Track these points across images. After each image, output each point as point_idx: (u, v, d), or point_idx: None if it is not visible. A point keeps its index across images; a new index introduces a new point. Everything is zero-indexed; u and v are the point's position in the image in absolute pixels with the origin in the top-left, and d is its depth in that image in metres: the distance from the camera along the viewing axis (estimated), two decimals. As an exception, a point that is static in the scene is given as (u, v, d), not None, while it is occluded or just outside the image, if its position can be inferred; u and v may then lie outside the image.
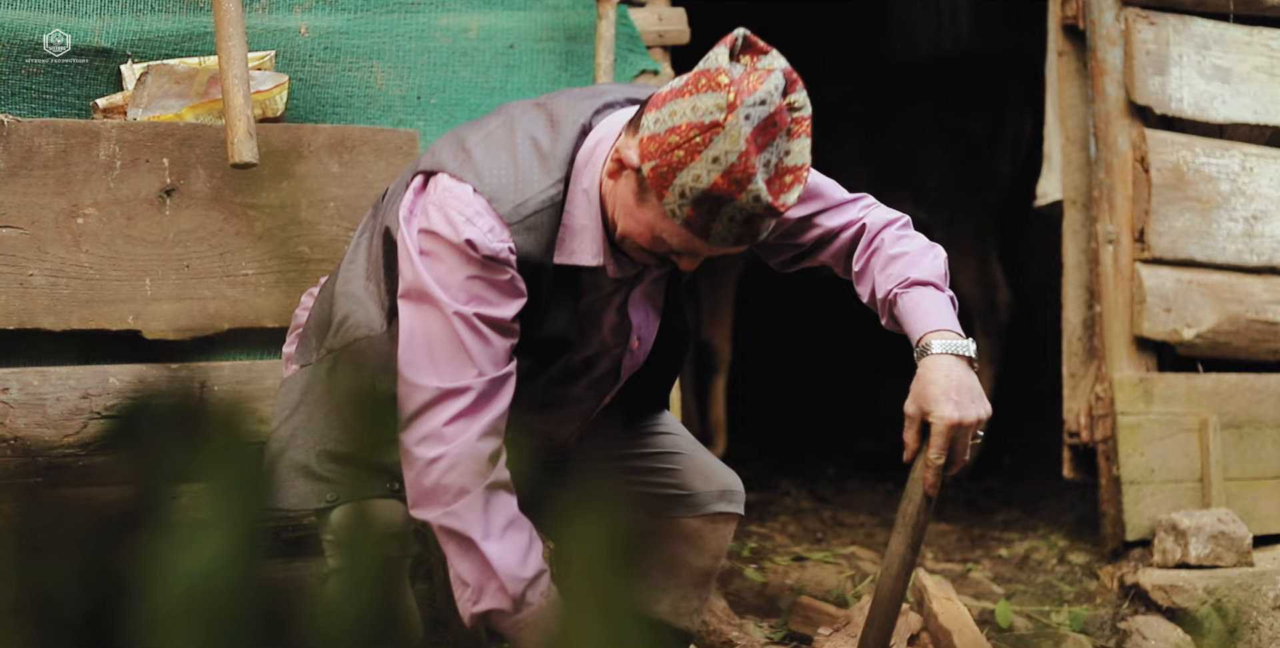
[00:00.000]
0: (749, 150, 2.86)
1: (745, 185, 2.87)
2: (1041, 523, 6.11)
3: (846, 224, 3.39)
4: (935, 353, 3.15)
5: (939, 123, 7.34)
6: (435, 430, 3.03)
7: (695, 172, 2.88)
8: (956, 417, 3.12)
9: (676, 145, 2.90)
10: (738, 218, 2.92)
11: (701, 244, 2.99)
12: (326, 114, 4.41)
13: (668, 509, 3.58)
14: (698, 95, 2.90)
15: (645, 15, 4.83)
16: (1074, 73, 5.43)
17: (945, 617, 4.36)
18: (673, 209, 2.93)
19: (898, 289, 3.24)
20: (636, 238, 3.05)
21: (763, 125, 2.88)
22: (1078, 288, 5.46)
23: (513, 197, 3.05)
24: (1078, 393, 5.42)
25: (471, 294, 3.03)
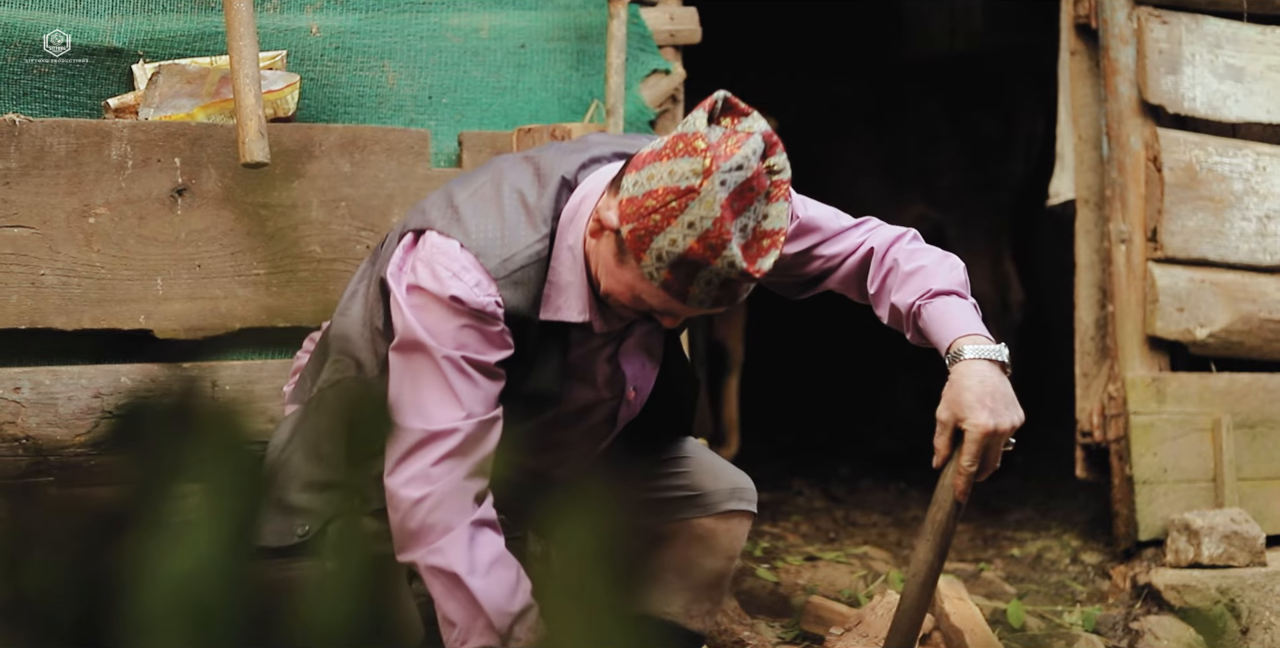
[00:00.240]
0: (724, 216, 2.87)
1: (720, 251, 2.88)
2: (1054, 523, 6.10)
3: (849, 250, 3.38)
4: (968, 358, 3.13)
5: (952, 122, 7.34)
6: (422, 471, 3.05)
7: (671, 236, 2.90)
8: (992, 424, 3.10)
9: (653, 210, 2.92)
10: (714, 282, 2.93)
11: (680, 306, 3.02)
12: (338, 114, 4.41)
13: (679, 512, 3.57)
14: (675, 160, 2.92)
15: (657, 15, 4.83)
16: (1086, 72, 5.42)
17: (957, 617, 4.35)
18: (650, 272, 2.96)
19: (920, 301, 3.22)
20: (618, 296, 3.08)
21: (739, 190, 2.89)
22: (1090, 287, 5.45)
23: (499, 251, 3.08)
24: (1090, 392, 5.41)
25: (460, 341, 3.06)
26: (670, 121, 4.85)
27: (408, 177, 4.34)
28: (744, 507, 3.58)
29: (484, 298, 3.05)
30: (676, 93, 4.86)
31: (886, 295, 3.29)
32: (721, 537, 3.57)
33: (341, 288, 4.19)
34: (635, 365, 3.35)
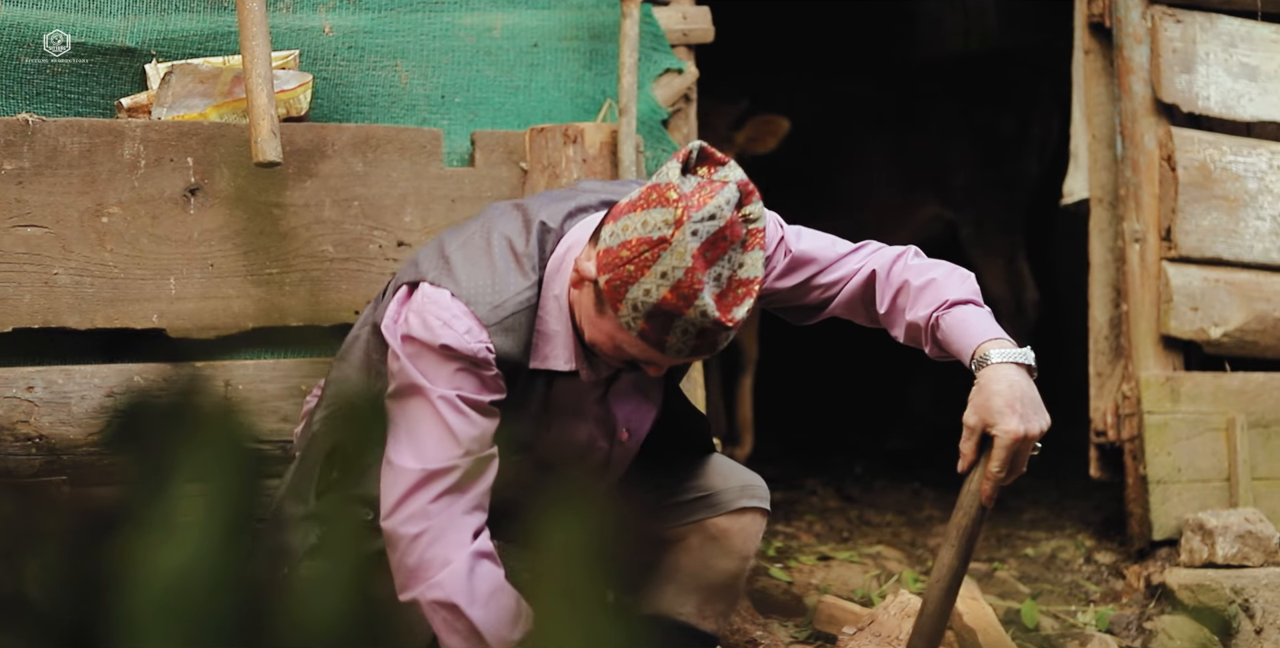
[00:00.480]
0: (695, 266, 2.90)
1: (692, 301, 2.92)
2: (1069, 522, 6.09)
3: (849, 275, 3.37)
4: (995, 362, 3.11)
5: (966, 121, 7.32)
6: (420, 509, 3.08)
7: (645, 286, 2.94)
8: (1023, 431, 3.07)
9: (628, 260, 2.96)
10: (690, 331, 2.97)
11: (659, 356, 3.05)
12: (351, 113, 4.41)
13: (692, 514, 3.58)
14: (648, 210, 2.96)
15: (669, 14, 4.83)
16: (1100, 71, 5.41)
17: (970, 616, 4.34)
18: (628, 322, 3.00)
19: (937, 313, 3.22)
20: (601, 346, 3.12)
21: (712, 240, 2.92)
22: (1104, 287, 5.44)
23: (490, 298, 3.13)
24: (1104, 392, 5.40)
25: (455, 383, 3.09)
26: (683, 121, 4.85)
27: (420, 176, 4.35)
28: (756, 503, 3.58)
29: (475, 345, 3.10)
30: (690, 92, 4.85)
31: (900, 314, 3.29)
32: (735, 537, 3.57)
33: (354, 287, 4.20)
34: (628, 407, 3.38)
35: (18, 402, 3.92)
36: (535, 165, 4.45)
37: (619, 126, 4.56)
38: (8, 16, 4.01)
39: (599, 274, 3.01)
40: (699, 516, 3.56)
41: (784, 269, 3.37)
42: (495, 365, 3.11)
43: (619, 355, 3.12)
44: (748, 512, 3.57)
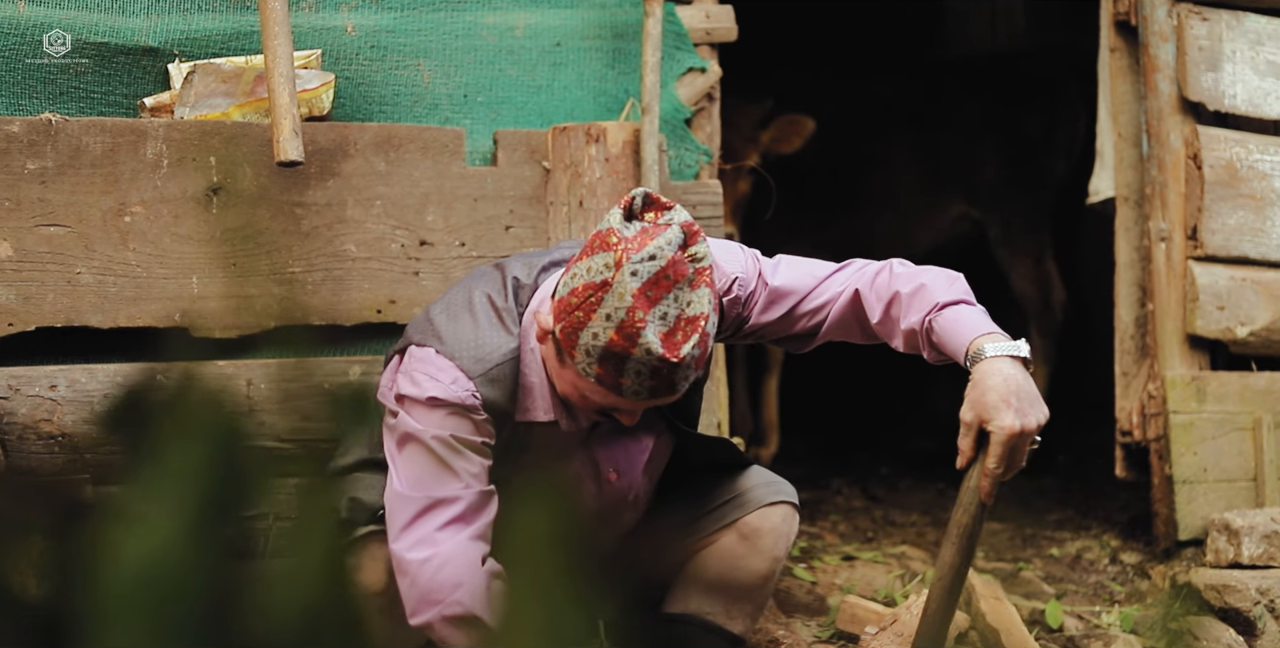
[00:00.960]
0: (636, 305, 2.93)
1: (636, 340, 2.95)
2: (1094, 523, 6.06)
3: (834, 298, 3.38)
4: (990, 356, 3.09)
5: (993, 120, 7.31)
6: (427, 535, 3.12)
7: (593, 330, 2.99)
8: (1018, 426, 3.05)
9: (576, 306, 3.01)
10: (643, 372, 2.98)
11: (619, 400, 3.07)
12: (373, 112, 4.42)
13: (723, 517, 3.59)
14: (591, 257, 3.01)
15: (693, 13, 4.82)
16: (1126, 69, 5.39)
17: (993, 616, 4.33)
18: (583, 368, 3.04)
19: (929, 316, 3.21)
20: (569, 396, 3.17)
21: (654, 279, 2.95)
22: (1130, 286, 5.42)
23: (473, 352, 3.19)
24: (1130, 392, 5.38)
25: (447, 426, 3.15)
26: (706, 120, 4.85)
27: (443, 175, 4.35)
28: (784, 497, 3.58)
29: (461, 392, 3.16)
30: (713, 91, 4.85)
31: (895, 324, 3.28)
32: (766, 536, 3.57)
33: (376, 286, 4.21)
34: (614, 450, 3.40)
35: (40, 400, 3.93)
36: (558, 164, 4.45)
37: (641, 125, 4.56)
38: (31, 16, 4.02)
39: (555, 324, 3.06)
40: (731, 517, 3.57)
41: (765, 302, 3.40)
42: (483, 411, 3.17)
43: (587, 405, 3.15)
44: (777, 506, 3.57)
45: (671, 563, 3.63)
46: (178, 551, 0.94)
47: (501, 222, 4.43)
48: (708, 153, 4.82)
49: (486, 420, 3.18)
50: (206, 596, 0.94)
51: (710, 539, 3.58)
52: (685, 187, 4.73)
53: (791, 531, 3.60)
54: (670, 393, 3.04)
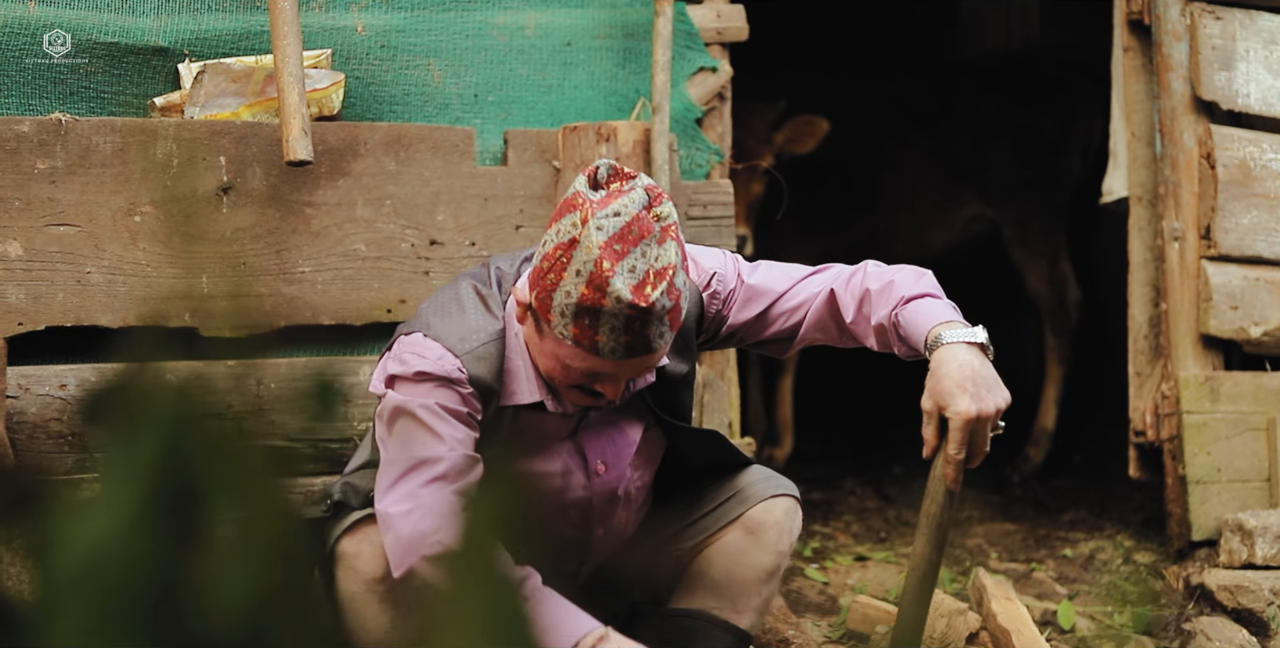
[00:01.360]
0: (602, 256, 2.96)
1: (605, 289, 2.96)
2: (1108, 523, 6.05)
3: (810, 299, 3.41)
4: (946, 343, 3.12)
5: (1007, 120, 7.29)
6: (410, 492, 3.11)
7: (565, 288, 3.01)
8: (974, 410, 3.05)
9: (548, 269, 3.04)
10: (617, 326, 3.00)
11: (598, 362, 3.07)
12: (383, 112, 4.42)
13: (727, 514, 3.59)
14: (560, 221, 3.04)
15: (703, 12, 4.82)
16: (1139, 68, 5.38)
17: (1004, 617, 4.32)
18: (560, 331, 3.05)
19: (897, 309, 3.24)
20: (552, 373, 3.18)
21: (620, 234, 2.98)
22: (1143, 286, 5.40)
23: (459, 332, 3.23)
24: (1144, 392, 5.37)
25: (434, 396, 3.16)
26: (717, 119, 4.84)
27: (453, 175, 4.35)
28: (785, 490, 3.58)
29: (448, 366, 3.18)
30: (724, 90, 4.84)
31: (867, 321, 3.31)
32: (770, 530, 3.57)
33: (386, 286, 4.21)
34: (600, 441, 3.41)
35: (51, 400, 3.93)
36: (568, 164, 4.45)
37: (652, 125, 4.56)
38: (41, 16, 4.03)
39: (530, 294, 3.10)
40: (734, 513, 3.57)
41: (743, 300, 3.44)
42: (469, 385, 3.18)
43: (570, 378, 3.15)
44: (780, 499, 3.57)
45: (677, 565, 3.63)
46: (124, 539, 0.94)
47: (512, 221, 4.43)
48: (719, 152, 4.82)
49: (472, 394, 3.19)
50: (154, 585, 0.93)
51: (715, 537, 3.59)
52: (696, 186, 4.73)
53: (795, 525, 3.60)
54: (646, 350, 3.05)
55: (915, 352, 3.22)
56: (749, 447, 4.86)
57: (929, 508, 3.19)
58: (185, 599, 0.94)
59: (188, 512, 1.03)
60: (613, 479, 3.43)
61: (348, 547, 3.26)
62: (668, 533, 3.62)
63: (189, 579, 0.94)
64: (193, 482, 1.04)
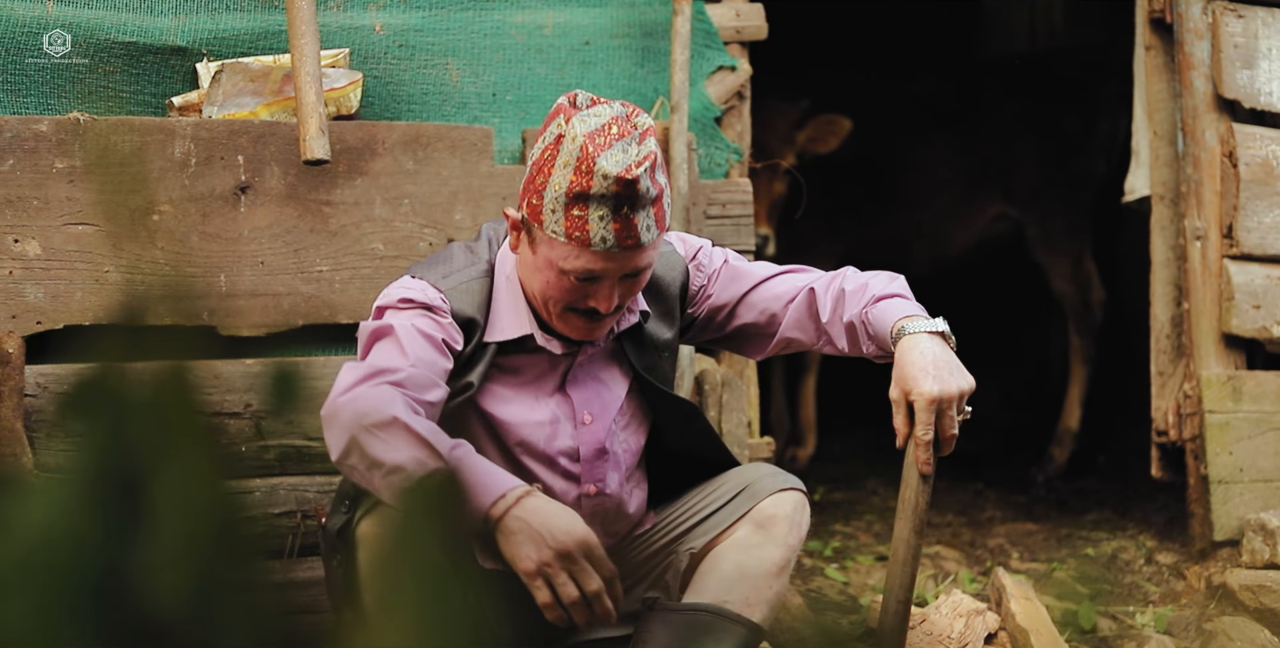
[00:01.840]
0: (586, 144, 3.10)
1: (592, 170, 3.09)
2: (1131, 523, 6.03)
3: (792, 293, 3.54)
4: (909, 333, 3.26)
5: (1031, 120, 7.28)
6: (361, 392, 3.07)
7: (555, 183, 3.13)
8: (936, 390, 3.19)
9: (536, 173, 3.18)
10: (606, 214, 3.12)
11: (590, 256, 3.15)
12: (401, 111, 4.43)
13: (737, 510, 3.59)
14: (545, 131, 3.20)
15: (722, 11, 4.81)
16: (1161, 67, 5.36)
17: (1023, 616, 4.30)
18: (553, 229, 3.16)
19: (866, 308, 3.38)
20: (546, 290, 3.24)
21: (601, 129, 3.13)
22: (1166, 285, 5.38)
23: (443, 272, 3.35)
24: (1166, 391, 5.35)
25: (412, 320, 3.23)
26: (736, 118, 4.84)
27: (471, 174, 4.35)
28: (792, 484, 3.60)
29: (431, 295, 3.28)
30: (743, 89, 4.84)
31: (840, 321, 3.44)
32: (780, 524, 3.57)
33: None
34: (587, 392, 3.46)
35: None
36: (586, 163, 4.44)
37: (670, 124, 4.56)
38: (60, 16, 4.05)
39: (521, 206, 3.22)
40: (743, 508, 3.58)
41: (727, 279, 3.58)
42: (450, 316, 3.28)
43: (563, 292, 3.23)
44: (788, 493, 3.58)
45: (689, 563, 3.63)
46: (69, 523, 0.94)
47: (530, 220, 4.43)
48: (738, 151, 4.81)
49: (452, 325, 3.27)
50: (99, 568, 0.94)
51: (725, 533, 3.59)
52: (715, 185, 4.72)
53: (804, 519, 3.61)
54: (635, 242, 3.15)
55: (882, 348, 3.35)
56: (768, 446, 4.86)
57: (904, 494, 3.33)
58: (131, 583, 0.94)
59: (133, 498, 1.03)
60: (600, 431, 3.48)
61: (367, 529, 3.25)
62: (678, 531, 3.63)
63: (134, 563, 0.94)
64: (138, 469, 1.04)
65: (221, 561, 1.02)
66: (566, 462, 3.46)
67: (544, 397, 3.43)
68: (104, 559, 0.93)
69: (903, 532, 3.33)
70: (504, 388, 3.39)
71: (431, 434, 2.98)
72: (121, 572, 0.93)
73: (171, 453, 1.02)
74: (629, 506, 3.60)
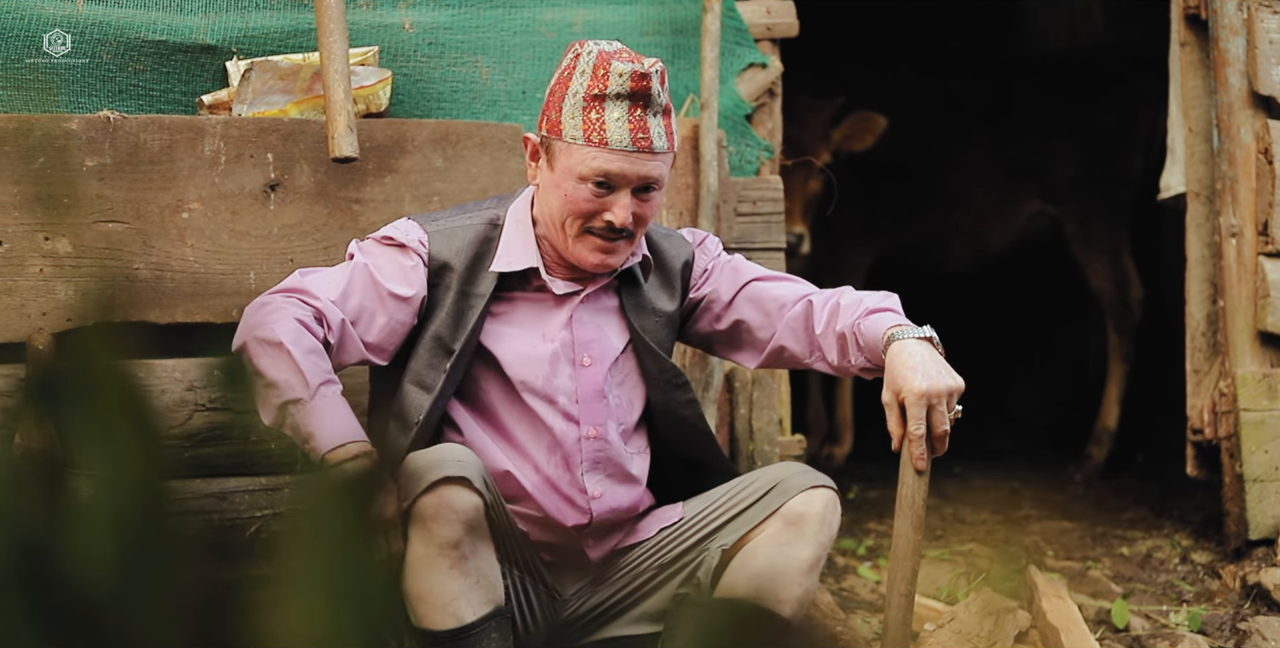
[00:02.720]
0: (602, 52, 3.37)
1: (608, 70, 3.33)
2: (1168, 522, 6.00)
3: (793, 295, 3.69)
4: (899, 339, 3.40)
5: (1068, 117, 7.24)
6: (273, 299, 3.36)
7: (573, 90, 3.38)
8: (925, 386, 3.31)
9: (554, 90, 3.43)
10: (621, 112, 3.35)
11: (609, 156, 3.35)
12: (431, 109, 4.43)
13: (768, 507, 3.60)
14: (561, 64, 3.46)
15: (753, 8, 4.81)
16: (1197, 63, 5.33)
17: (1054, 615, 4.29)
18: (570, 134, 3.38)
19: (859, 320, 3.51)
20: (565, 205, 3.42)
21: (614, 53, 3.39)
22: (1201, 282, 5.36)
23: (435, 216, 3.58)
24: (1201, 389, 5.32)
25: (376, 259, 3.47)
26: (767, 116, 4.83)
27: (500, 171, 4.36)
28: (823, 481, 3.61)
29: (412, 235, 3.48)
30: (774, 86, 4.83)
31: (833, 333, 3.58)
32: (811, 521, 3.58)
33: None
34: (588, 333, 3.59)
35: (99, 395, 3.96)
36: (616, 160, 4.44)
37: (700, 121, 4.56)
38: (90, 15, 4.06)
39: (540, 128, 3.45)
40: (774, 505, 3.59)
41: (729, 271, 3.74)
42: (421, 259, 3.48)
43: (582, 203, 3.40)
44: (819, 491, 3.59)
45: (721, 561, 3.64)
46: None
47: (559, 218, 4.43)
48: (769, 148, 4.81)
49: (415, 268, 3.48)
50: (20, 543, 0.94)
51: (756, 530, 3.60)
52: (746, 182, 4.72)
53: (835, 518, 3.62)
54: (647, 142, 3.36)
55: (871, 358, 3.49)
56: (800, 444, 4.85)
57: (901, 491, 3.45)
58: (54, 558, 0.95)
59: (56, 475, 1.04)
60: (598, 375, 3.59)
61: (426, 509, 3.27)
62: (710, 528, 3.64)
63: (58, 539, 0.95)
64: (60, 446, 1.05)
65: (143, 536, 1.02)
66: (565, 401, 3.58)
67: (545, 338, 3.57)
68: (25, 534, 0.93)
69: (902, 528, 3.44)
70: (506, 327, 3.55)
71: (310, 366, 3.22)
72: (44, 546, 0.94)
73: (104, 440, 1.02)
74: (630, 466, 3.68)
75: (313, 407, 3.20)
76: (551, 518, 3.59)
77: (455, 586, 3.29)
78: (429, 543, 3.27)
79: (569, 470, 3.60)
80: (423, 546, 3.28)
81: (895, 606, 3.48)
